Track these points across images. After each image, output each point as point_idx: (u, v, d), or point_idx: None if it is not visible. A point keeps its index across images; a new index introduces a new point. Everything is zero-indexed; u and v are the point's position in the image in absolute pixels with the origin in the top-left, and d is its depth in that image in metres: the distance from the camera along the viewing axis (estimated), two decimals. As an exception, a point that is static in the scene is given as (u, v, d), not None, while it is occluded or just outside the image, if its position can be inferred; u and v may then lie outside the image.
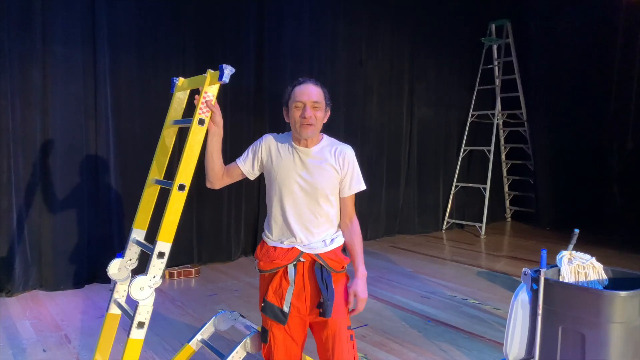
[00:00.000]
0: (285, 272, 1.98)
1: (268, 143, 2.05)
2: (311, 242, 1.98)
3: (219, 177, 2.07)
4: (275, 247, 2.02)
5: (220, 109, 2.00)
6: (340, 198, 2.05)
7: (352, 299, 2.00)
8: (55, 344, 3.18)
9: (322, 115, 1.97)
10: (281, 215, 2.00)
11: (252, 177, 2.11)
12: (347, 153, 2.02)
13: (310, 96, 1.92)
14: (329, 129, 2.04)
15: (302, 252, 1.98)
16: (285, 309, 1.95)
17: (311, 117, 1.91)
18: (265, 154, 2.04)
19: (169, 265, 4.74)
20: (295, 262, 1.97)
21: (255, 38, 5.38)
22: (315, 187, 1.96)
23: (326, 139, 2.05)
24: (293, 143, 2.01)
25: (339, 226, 2.09)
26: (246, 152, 2.11)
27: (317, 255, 1.98)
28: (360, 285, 2.00)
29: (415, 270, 5.13)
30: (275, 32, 5.50)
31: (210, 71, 1.89)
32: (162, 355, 3.02)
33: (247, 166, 2.08)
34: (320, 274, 1.96)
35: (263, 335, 2.07)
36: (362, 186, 2.06)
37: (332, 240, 2.03)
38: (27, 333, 3.36)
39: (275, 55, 5.51)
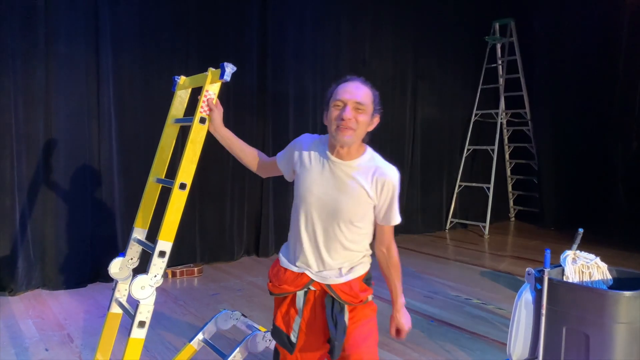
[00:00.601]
0: (294, 299, 1.77)
1: (301, 145, 1.78)
2: (324, 269, 1.73)
3: (255, 168, 1.95)
4: (285, 270, 1.79)
5: (222, 108, 1.97)
6: (376, 224, 1.78)
7: (394, 330, 1.85)
8: (58, 343, 3.18)
9: (366, 121, 1.66)
10: (296, 233, 1.76)
11: (289, 179, 1.87)
12: (389, 179, 1.69)
13: (353, 95, 1.64)
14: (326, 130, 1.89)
15: (312, 280, 1.73)
16: (293, 339, 1.75)
17: (351, 120, 1.61)
18: (297, 157, 1.78)
19: (172, 264, 4.74)
20: (305, 290, 1.75)
21: (258, 38, 5.37)
22: (338, 209, 1.67)
23: (369, 153, 1.76)
24: (327, 151, 1.72)
25: (370, 253, 1.83)
26: (286, 148, 1.87)
27: (328, 286, 1.72)
28: (403, 317, 1.83)
29: (418, 270, 5.11)
30: (278, 32, 5.49)
31: (211, 69, 1.89)
32: (164, 355, 3.01)
33: (282, 165, 1.86)
34: (330, 308, 1.71)
35: (275, 357, 1.94)
36: (399, 219, 1.78)
37: (350, 269, 1.74)
38: (29, 332, 3.36)
39: (278, 55, 5.50)
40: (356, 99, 1.63)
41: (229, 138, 1.93)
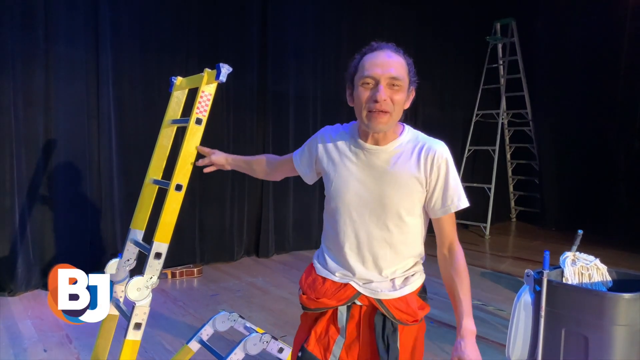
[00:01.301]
0: (335, 315, 1.47)
1: (324, 138, 1.53)
2: (374, 280, 1.44)
3: (266, 176, 1.84)
4: (324, 279, 1.49)
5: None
6: (433, 219, 1.48)
7: None
8: (56, 344, 3.18)
9: (403, 99, 1.38)
10: (333, 238, 1.48)
11: (310, 182, 1.63)
12: (439, 153, 1.42)
13: (386, 69, 1.34)
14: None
15: (359, 293, 1.45)
16: None
17: (386, 102, 1.33)
18: (322, 153, 1.51)
19: (172, 264, 4.73)
20: (349, 304, 1.46)
21: (259, 37, 5.36)
22: (384, 204, 1.41)
23: (408, 132, 1.49)
24: (359, 139, 1.45)
25: (423, 259, 1.57)
26: (303, 146, 1.62)
27: (379, 301, 1.43)
28: (469, 348, 1.36)
29: (418, 271, 5.09)
30: (278, 31, 5.48)
31: (207, 70, 1.88)
32: (163, 355, 3.01)
33: (303, 167, 1.59)
34: (381, 328, 1.42)
35: None
36: (464, 202, 1.47)
37: (404, 280, 1.47)
38: (28, 332, 3.36)
39: (279, 55, 5.50)
40: (391, 74, 1.34)
41: (237, 164, 1.88)
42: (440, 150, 1.43)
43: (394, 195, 1.40)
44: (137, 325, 1.82)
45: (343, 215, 1.44)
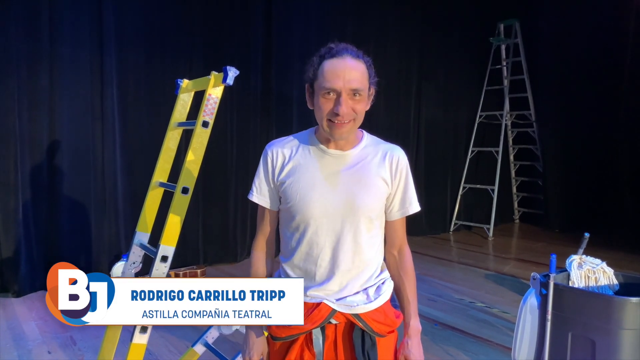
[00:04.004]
0: (309, 339, 1.39)
1: (275, 153, 1.42)
2: (347, 294, 1.38)
3: (271, 255, 1.53)
4: None
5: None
6: (386, 222, 1.46)
7: None
8: (61, 346, 3.18)
9: (364, 106, 1.34)
10: (305, 253, 1.39)
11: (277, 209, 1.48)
12: (402, 157, 1.43)
13: (347, 80, 1.29)
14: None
15: (334, 311, 1.37)
16: None
17: (348, 114, 1.30)
18: (279, 169, 1.41)
19: (175, 266, 4.73)
20: (323, 324, 1.37)
21: (263, 39, 5.36)
22: (356, 207, 1.35)
23: (368, 137, 1.45)
24: (320, 144, 1.40)
25: (384, 262, 1.50)
26: (254, 182, 1.46)
27: (356, 316, 1.37)
28: (415, 348, 1.40)
29: (422, 273, 5.08)
30: (282, 32, 5.48)
31: (214, 73, 1.88)
32: (167, 358, 3.01)
33: (269, 199, 1.44)
34: (361, 344, 1.36)
35: None
36: (417, 206, 1.46)
37: (377, 289, 1.42)
38: (32, 334, 3.36)
39: (283, 56, 5.49)
40: (352, 86, 1.30)
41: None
42: (402, 155, 1.44)
43: (364, 197, 1.36)
44: (144, 329, 1.82)
45: (313, 226, 1.37)
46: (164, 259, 1.81)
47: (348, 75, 1.30)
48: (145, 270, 1.96)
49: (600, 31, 6.78)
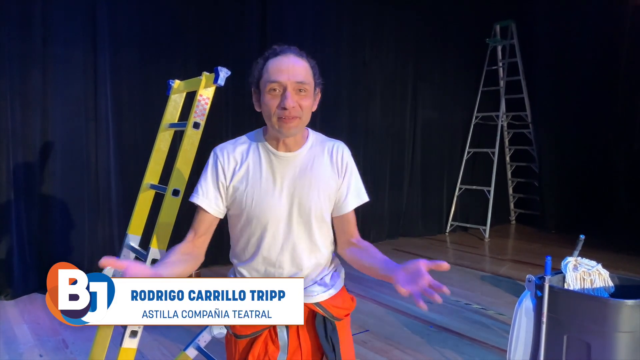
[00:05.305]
0: (274, 333, 1.44)
1: (226, 158, 1.43)
2: (307, 285, 1.44)
3: (195, 258, 1.48)
4: None
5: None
6: (337, 217, 1.48)
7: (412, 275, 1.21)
8: (53, 349, 3.15)
9: (310, 103, 1.38)
10: (263, 257, 1.44)
11: (221, 217, 1.51)
12: (346, 152, 1.48)
13: (292, 74, 1.33)
14: (329, 131, 1.69)
15: None
16: None
17: (295, 108, 1.32)
18: (230, 175, 1.42)
19: (170, 268, 4.70)
20: None
21: (258, 39, 5.33)
22: (309, 207, 1.40)
23: (313, 135, 1.49)
24: (269, 145, 1.42)
25: (335, 255, 1.55)
26: (200, 184, 1.45)
27: (317, 304, 1.44)
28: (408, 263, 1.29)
29: (418, 274, 5.06)
30: (278, 32, 5.45)
31: (205, 74, 1.86)
32: (160, 361, 2.98)
33: (214, 204, 1.44)
34: (323, 330, 1.44)
35: None
36: (366, 197, 1.50)
37: (332, 277, 1.50)
38: (24, 337, 3.33)
39: (278, 56, 5.47)
40: (296, 79, 1.33)
41: (167, 274, 1.32)
42: (347, 150, 1.48)
43: (316, 196, 1.41)
44: (133, 333, 1.79)
45: (270, 231, 1.41)
46: (154, 262, 1.79)
47: (292, 69, 1.33)
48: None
49: (596, 32, 6.79)
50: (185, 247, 1.44)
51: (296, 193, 1.40)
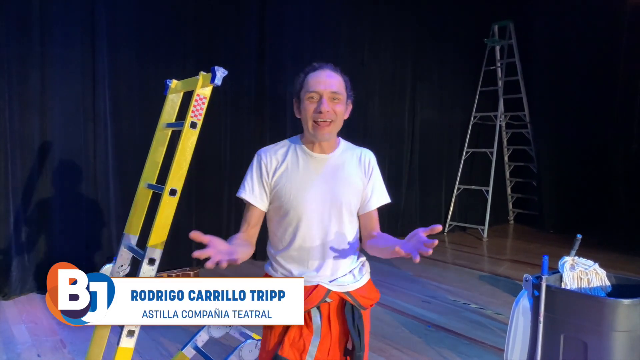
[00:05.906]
0: (309, 317, 1.59)
1: (269, 158, 1.65)
2: (339, 275, 1.62)
3: (251, 245, 1.64)
4: None
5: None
6: (363, 214, 1.70)
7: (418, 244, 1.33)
8: (50, 349, 3.15)
9: (342, 110, 1.60)
10: (299, 245, 1.61)
11: (266, 210, 1.69)
12: (372, 158, 1.73)
13: (328, 85, 1.55)
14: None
15: (329, 291, 1.59)
16: None
17: (329, 112, 1.55)
18: (272, 171, 1.63)
19: (168, 268, 4.69)
20: (319, 304, 1.59)
21: (256, 39, 5.34)
22: (341, 202, 1.61)
23: (344, 143, 1.73)
24: (305, 148, 1.65)
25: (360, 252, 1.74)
26: (246, 181, 1.66)
27: (348, 293, 1.62)
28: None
29: (416, 274, 5.07)
30: (276, 32, 5.46)
31: (202, 73, 1.86)
32: (158, 361, 2.98)
33: (259, 199, 1.64)
34: (351, 318, 1.60)
35: None
36: (388, 198, 1.73)
37: (360, 270, 1.68)
38: (22, 337, 3.33)
39: (276, 56, 5.47)
40: (331, 89, 1.56)
41: (241, 252, 1.51)
42: (372, 157, 1.74)
43: (347, 193, 1.62)
44: (130, 333, 1.80)
45: (305, 221, 1.59)
46: (152, 261, 1.79)
47: (328, 81, 1.57)
48: (133, 273, 1.93)
49: (594, 32, 6.80)
50: (243, 236, 1.63)
51: (329, 189, 1.61)
